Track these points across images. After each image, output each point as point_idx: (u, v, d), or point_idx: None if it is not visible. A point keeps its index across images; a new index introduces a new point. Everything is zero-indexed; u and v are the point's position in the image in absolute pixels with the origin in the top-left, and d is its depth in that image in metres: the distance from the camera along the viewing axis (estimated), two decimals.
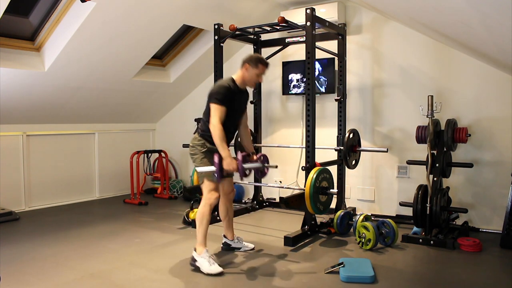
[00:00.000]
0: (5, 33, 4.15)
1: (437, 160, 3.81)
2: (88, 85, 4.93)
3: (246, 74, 3.18)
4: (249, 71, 3.17)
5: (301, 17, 4.04)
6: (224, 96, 3.06)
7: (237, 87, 3.19)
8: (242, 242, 3.57)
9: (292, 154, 5.24)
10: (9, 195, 4.94)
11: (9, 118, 4.77)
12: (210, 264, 3.03)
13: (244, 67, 3.18)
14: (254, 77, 3.18)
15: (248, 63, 3.16)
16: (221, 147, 2.98)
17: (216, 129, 2.99)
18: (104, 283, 2.91)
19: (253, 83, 3.24)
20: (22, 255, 3.46)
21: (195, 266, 3.10)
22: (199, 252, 3.10)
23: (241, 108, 3.31)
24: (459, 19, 2.63)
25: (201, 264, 3.06)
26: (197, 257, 3.10)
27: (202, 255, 3.08)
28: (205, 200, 3.14)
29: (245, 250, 3.54)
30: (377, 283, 2.86)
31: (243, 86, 3.25)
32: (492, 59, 3.74)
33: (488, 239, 3.79)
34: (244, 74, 3.19)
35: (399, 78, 4.57)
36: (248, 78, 3.19)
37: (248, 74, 3.17)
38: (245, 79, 3.20)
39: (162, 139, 6.56)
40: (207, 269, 3.02)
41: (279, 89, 5.33)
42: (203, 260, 3.06)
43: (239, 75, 3.20)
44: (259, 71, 3.17)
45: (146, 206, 5.38)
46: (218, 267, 3.04)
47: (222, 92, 3.07)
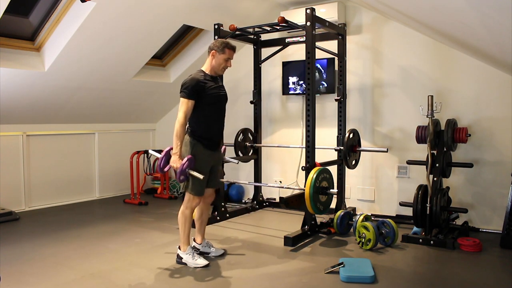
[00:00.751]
0: (5, 33, 4.15)
1: (437, 160, 3.81)
2: (88, 85, 4.93)
3: (213, 61, 3.16)
4: (216, 57, 3.15)
5: (301, 17, 4.04)
6: (192, 88, 3.04)
7: (208, 75, 3.17)
8: (211, 247, 3.44)
9: (292, 154, 5.24)
10: (9, 195, 4.94)
11: (9, 118, 4.77)
12: (195, 259, 3.18)
13: (211, 55, 3.16)
14: (222, 62, 3.17)
15: (214, 49, 3.14)
16: (175, 142, 3.04)
17: (178, 124, 3.04)
18: (104, 283, 2.91)
19: (222, 69, 3.21)
20: (22, 255, 3.46)
21: (182, 263, 3.22)
22: (183, 250, 3.23)
23: (221, 96, 3.24)
24: (459, 19, 2.62)
25: (187, 260, 3.20)
26: (182, 254, 3.23)
27: (186, 252, 3.21)
28: (186, 203, 3.20)
29: (214, 255, 3.40)
30: (377, 283, 2.86)
31: (215, 75, 3.22)
32: (492, 59, 3.74)
33: (488, 239, 3.79)
34: (212, 61, 3.16)
35: (399, 78, 4.57)
36: (216, 65, 3.17)
37: (216, 60, 3.16)
38: (213, 67, 3.18)
39: (162, 139, 6.56)
40: (193, 263, 3.17)
41: (279, 89, 5.33)
42: (187, 256, 3.20)
43: (207, 63, 3.18)
44: (226, 55, 3.16)
45: (146, 206, 5.38)
46: (203, 260, 3.19)
47: (190, 84, 3.05)
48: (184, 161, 3.03)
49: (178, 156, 3.05)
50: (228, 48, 3.17)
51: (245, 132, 4.97)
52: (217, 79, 3.26)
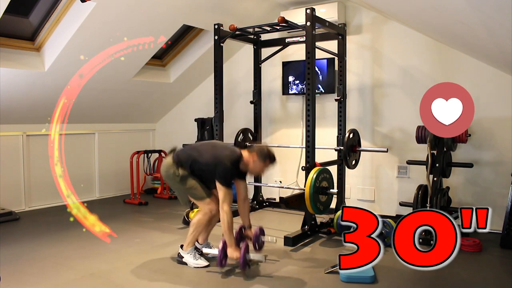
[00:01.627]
0: (5, 33, 4.14)
1: (437, 160, 3.81)
2: (88, 85, 4.89)
3: (252, 164, 3.16)
4: (256, 163, 3.15)
5: (301, 17, 4.04)
6: (230, 178, 3.13)
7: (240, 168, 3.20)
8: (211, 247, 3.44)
9: (292, 154, 5.23)
10: (9, 195, 4.94)
11: (9, 118, 4.77)
12: (196, 259, 3.19)
13: (252, 156, 3.15)
14: (258, 169, 3.20)
15: (258, 155, 3.14)
16: (228, 235, 3.03)
17: (226, 216, 3.03)
18: (104, 283, 2.91)
19: (255, 174, 3.28)
20: (22, 255, 3.46)
21: (182, 262, 3.23)
22: (185, 249, 3.23)
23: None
24: (459, 19, 2.63)
25: (187, 260, 3.20)
26: (183, 253, 3.23)
27: (188, 251, 3.21)
28: (206, 210, 3.19)
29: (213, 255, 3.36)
30: (377, 283, 2.86)
31: (245, 170, 3.24)
32: (492, 59, 3.74)
33: (488, 239, 3.79)
34: (250, 163, 3.17)
35: (399, 78, 4.57)
36: (253, 168, 3.19)
37: (254, 165, 3.16)
38: (249, 167, 3.19)
39: (162, 139, 6.56)
40: (194, 263, 3.18)
41: (279, 89, 5.33)
42: (188, 256, 3.21)
43: (246, 160, 3.17)
44: (265, 165, 3.18)
45: (146, 206, 5.38)
46: (204, 261, 3.19)
47: (229, 175, 3.10)
48: (243, 250, 3.00)
49: (234, 246, 3.05)
50: (270, 161, 3.17)
51: (245, 132, 4.97)
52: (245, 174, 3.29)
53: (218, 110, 4.55)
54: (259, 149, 3.18)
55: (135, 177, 5.56)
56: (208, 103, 5.51)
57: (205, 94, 5.91)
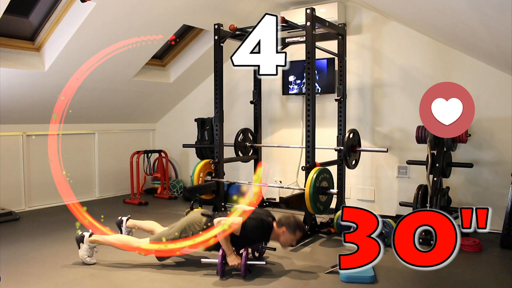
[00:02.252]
0: (5, 33, 4.14)
1: (437, 160, 3.81)
2: (88, 85, 4.92)
3: (282, 236, 3.11)
4: (285, 236, 3.09)
5: (301, 17, 4.04)
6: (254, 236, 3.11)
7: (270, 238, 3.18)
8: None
9: (292, 154, 5.23)
10: (9, 195, 4.94)
11: (9, 118, 4.77)
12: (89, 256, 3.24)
13: (281, 229, 3.09)
14: (289, 241, 3.13)
15: (287, 228, 3.08)
16: (225, 244, 3.00)
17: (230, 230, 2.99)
18: (104, 283, 2.91)
19: (287, 246, 3.21)
20: (22, 255, 3.46)
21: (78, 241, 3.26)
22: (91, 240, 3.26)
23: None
24: (460, 19, 2.63)
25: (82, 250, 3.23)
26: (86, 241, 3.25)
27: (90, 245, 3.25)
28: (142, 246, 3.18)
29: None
30: (377, 283, 2.86)
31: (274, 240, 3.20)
32: (492, 59, 3.74)
33: (488, 239, 3.79)
34: (280, 236, 3.12)
35: (399, 78, 4.57)
36: (283, 241, 3.14)
37: (284, 238, 3.11)
38: (281, 240, 3.15)
39: (162, 139, 6.56)
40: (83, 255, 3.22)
41: (279, 89, 5.32)
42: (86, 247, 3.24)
43: (276, 233, 3.13)
44: (296, 237, 3.12)
45: (146, 206, 5.38)
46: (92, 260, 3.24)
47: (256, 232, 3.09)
48: (243, 258, 2.99)
49: (233, 255, 3.03)
50: (299, 231, 3.12)
51: (245, 132, 4.97)
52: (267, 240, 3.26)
53: (218, 110, 4.55)
54: (287, 221, 3.10)
55: (135, 177, 5.56)
56: (208, 103, 5.52)
57: (205, 94, 5.91)
